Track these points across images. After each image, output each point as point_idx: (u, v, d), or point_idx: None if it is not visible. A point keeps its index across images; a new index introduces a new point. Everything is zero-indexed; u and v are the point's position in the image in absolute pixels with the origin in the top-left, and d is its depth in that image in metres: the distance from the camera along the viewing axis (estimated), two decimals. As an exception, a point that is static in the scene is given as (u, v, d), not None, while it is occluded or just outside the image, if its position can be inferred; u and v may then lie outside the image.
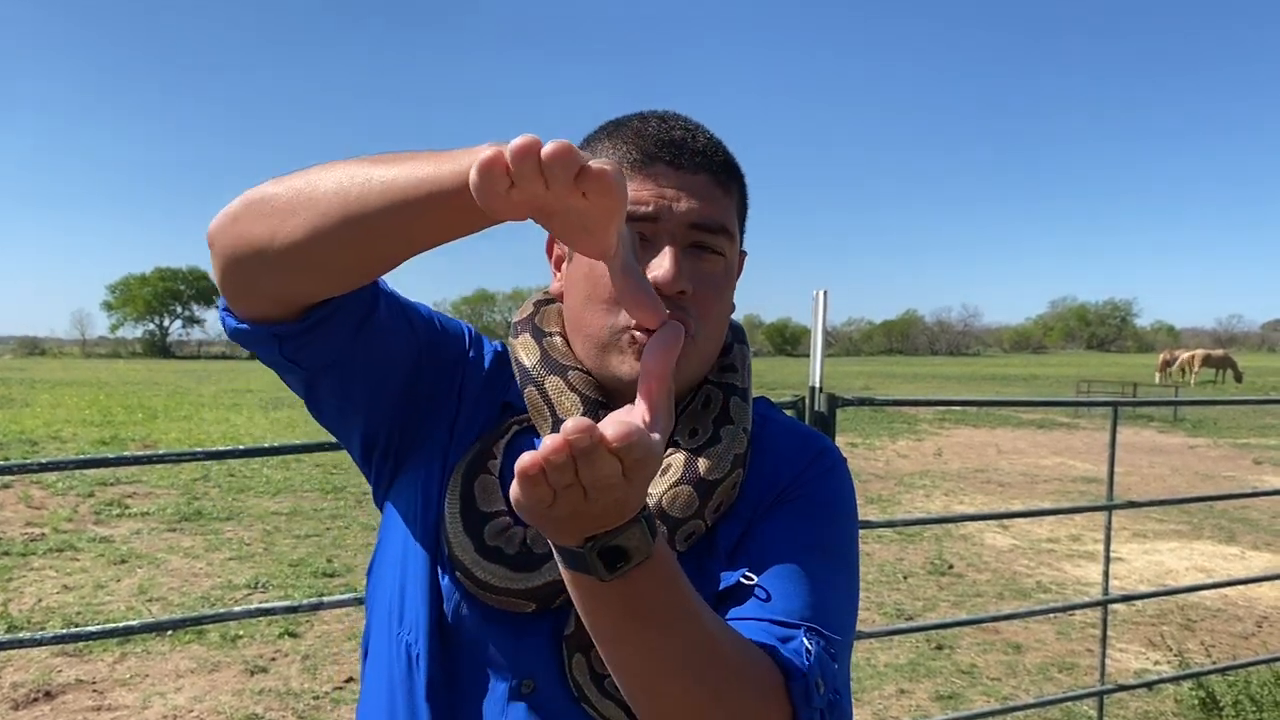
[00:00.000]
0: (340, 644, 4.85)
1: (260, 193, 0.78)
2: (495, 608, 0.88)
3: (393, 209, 0.70)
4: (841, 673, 0.81)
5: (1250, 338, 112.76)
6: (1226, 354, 35.89)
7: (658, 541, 0.66)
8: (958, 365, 56.11)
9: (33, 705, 4.08)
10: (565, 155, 0.57)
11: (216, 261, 0.82)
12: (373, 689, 0.95)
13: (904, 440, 14.36)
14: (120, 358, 71.93)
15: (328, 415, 0.96)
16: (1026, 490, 10.06)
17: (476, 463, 0.94)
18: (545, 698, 0.86)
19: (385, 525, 1.01)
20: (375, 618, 0.98)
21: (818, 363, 2.42)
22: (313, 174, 0.76)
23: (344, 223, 0.73)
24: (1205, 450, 13.78)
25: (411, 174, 0.69)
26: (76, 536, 7.25)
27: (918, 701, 4.20)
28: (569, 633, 0.87)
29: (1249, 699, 3.81)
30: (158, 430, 15.05)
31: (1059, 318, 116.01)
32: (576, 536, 0.64)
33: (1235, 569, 6.68)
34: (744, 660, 0.73)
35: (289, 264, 0.77)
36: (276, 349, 0.86)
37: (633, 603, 0.67)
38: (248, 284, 0.82)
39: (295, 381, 0.92)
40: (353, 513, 8.38)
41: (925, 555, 6.92)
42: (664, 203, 0.88)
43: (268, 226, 0.76)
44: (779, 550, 0.87)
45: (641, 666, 0.70)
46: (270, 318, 0.84)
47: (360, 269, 0.80)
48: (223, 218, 0.80)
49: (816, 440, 1.00)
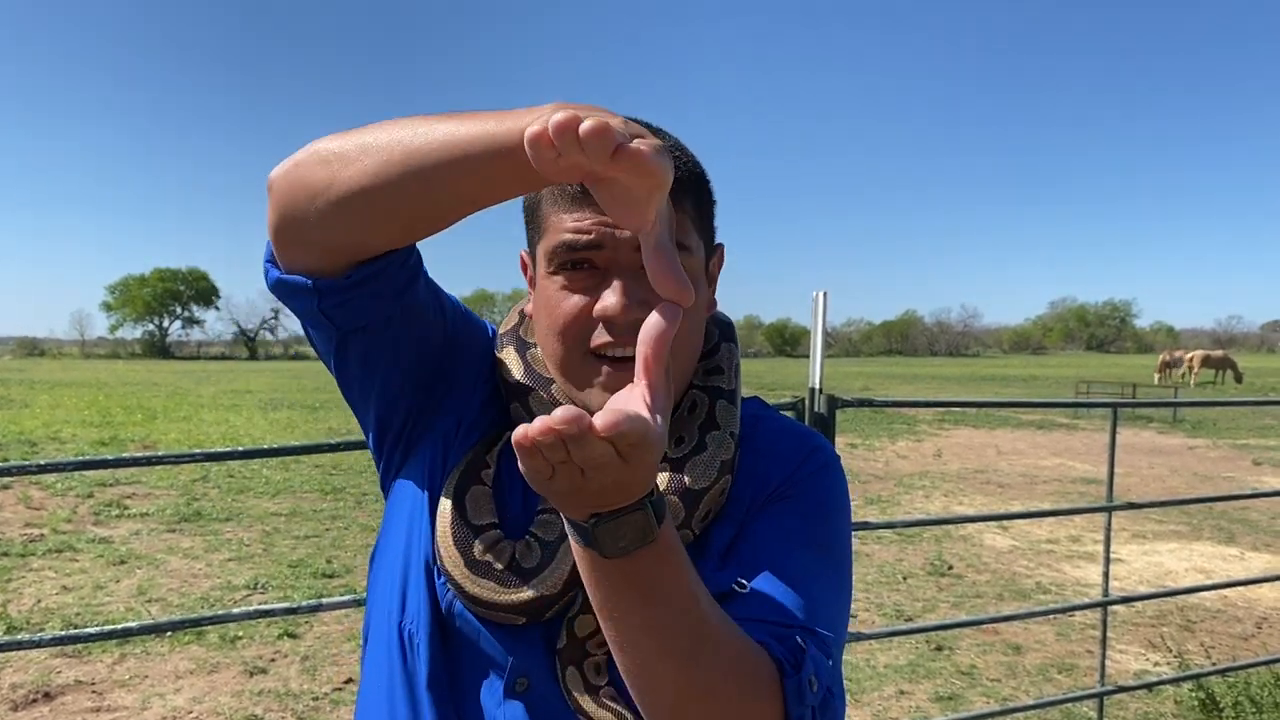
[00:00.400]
0: (339, 645, 4.85)
1: (324, 142, 0.80)
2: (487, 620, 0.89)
3: (452, 163, 0.72)
4: (834, 670, 0.82)
5: (1250, 338, 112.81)
6: (1226, 354, 35.92)
7: (665, 525, 0.67)
8: (957, 366, 56.15)
9: (32, 706, 4.08)
10: (600, 135, 0.58)
11: (273, 205, 0.83)
12: (373, 676, 0.96)
13: (903, 441, 14.37)
14: (119, 358, 71.93)
15: (351, 384, 0.98)
16: (1026, 491, 10.06)
17: (470, 471, 0.95)
18: (539, 696, 0.88)
19: (389, 512, 1.02)
20: (376, 604, 0.99)
21: (817, 364, 2.42)
22: (376, 127, 0.78)
23: (403, 173, 0.75)
24: (1204, 451, 13.79)
25: (473, 130, 0.71)
26: (76, 537, 7.24)
27: (917, 703, 4.20)
28: (560, 647, 0.88)
29: (1249, 700, 3.81)
30: (157, 431, 15.05)
31: (1058, 318, 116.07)
32: (582, 511, 0.66)
33: (1235, 570, 6.68)
34: (741, 651, 0.74)
35: (345, 210, 0.78)
36: (316, 302, 0.86)
37: (635, 580, 0.68)
38: (300, 230, 0.83)
39: (325, 340, 0.93)
40: (352, 513, 8.37)
41: (925, 556, 6.92)
42: (606, 230, 0.87)
43: (328, 172, 0.78)
44: (772, 549, 0.88)
45: (639, 644, 0.71)
46: (315, 270, 0.85)
47: (416, 221, 0.81)
48: (285, 163, 0.82)
49: (809, 439, 1.01)
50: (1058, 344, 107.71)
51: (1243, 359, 43.07)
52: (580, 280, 0.89)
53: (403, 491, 0.99)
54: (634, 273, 0.87)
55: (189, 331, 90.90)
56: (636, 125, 0.65)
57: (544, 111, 0.65)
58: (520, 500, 0.95)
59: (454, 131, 0.73)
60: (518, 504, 0.95)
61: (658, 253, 0.66)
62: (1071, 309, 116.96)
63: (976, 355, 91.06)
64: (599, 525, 0.65)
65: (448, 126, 0.73)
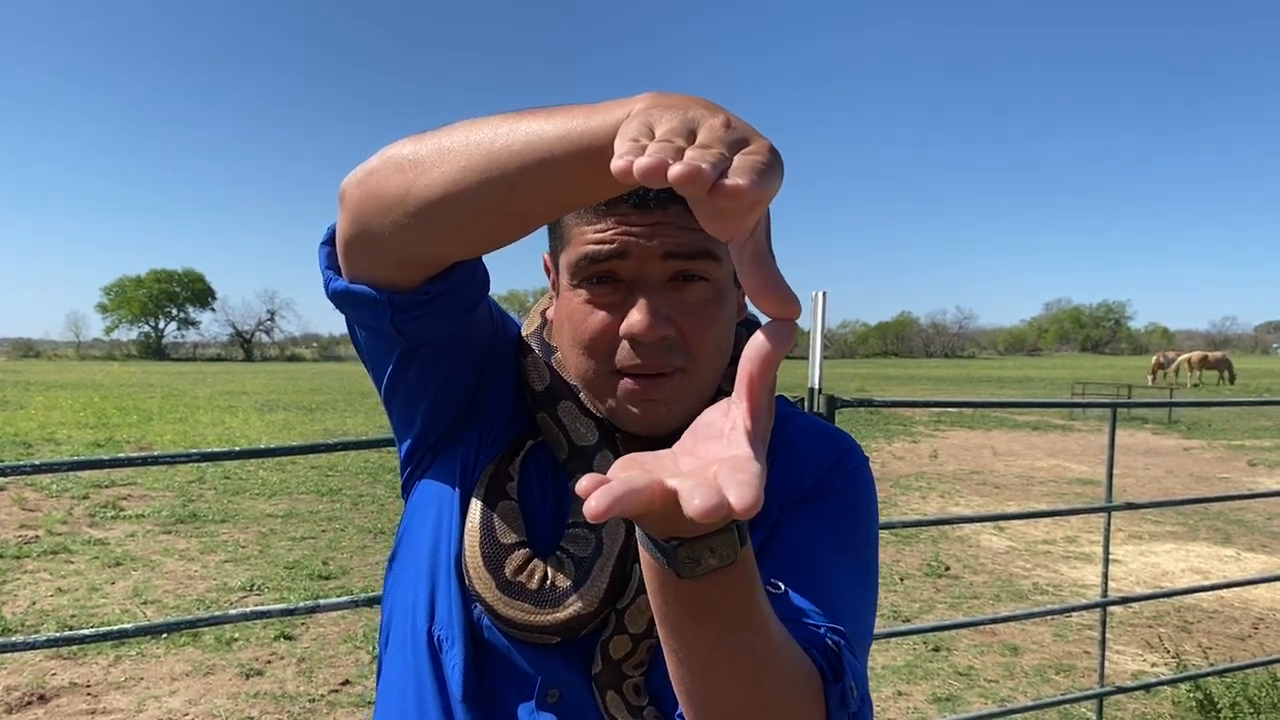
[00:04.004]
0: (336, 646, 4.84)
1: (399, 147, 0.75)
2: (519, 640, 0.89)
3: (538, 165, 0.67)
4: (863, 674, 0.81)
5: (1244, 340, 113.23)
6: (1225, 355, 36.07)
7: (745, 546, 0.64)
8: (952, 367, 56.22)
9: (26, 709, 4.06)
10: (692, 182, 0.50)
11: (345, 216, 0.79)
12: (397, 680, 0.94)
13: (899, 442, 14.37)
14: (115, 360, 71.77)
15: (403, 393, 0.94)
16: (1022, 492, 10.07)
17: (494, 485, 0.93)
18: (571, 707, 0.88)
19: (411, 515, 0.99)
20: (398, 608, 0.97)
21: (817, 364, 2.42)
22: (454, 129, 0.73)
23: (485, 179, 0.70)
24: (1200, 452, 13.81)
25: (558, 128, 0.66)
26: (71, 539, 7.22)
27: (915, 704, 4.19)
28: (596, 671, 0.88)
29: (1246, 701, 3.81)
30: (153, 432, 15.01)
31: (1053, 320, 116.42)
32: (664, 532, 0.61)
33: (1231, 571, 6.69)
34: (796, 664, 0.72)
35: (423, 221, 0.74)
36: (388, 316, 0.83)
37: (709, 600, 0.65)
38: (373, 243, 0.78)
39: (383, 350, 0.90)
40: (348, 515, 8.36)
41: (922, 557, 6.92)
42: (631, 239, 0.84)
43: (404, 180, 0.73)
44: (805, 551, 0.87)
45: (705, 661, 0.68)
46: (385, 282, 0.81)
47: (498, 229, 0.75)
48: (358, 171, 0.78)
49: (840, 439, 1.00)
50: (1053, 345, 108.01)
51: (1237, 361, 43.22)
52: (604, 295, 0.86)
53: (426, 495, 0.97)
54: (659, 287, 0.85)
55: (185, 333, 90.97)
56: (741, 128, 0.57)
57: (635, 104, 0.60)
58: (550, 513, 0.94)
59: (539, 130, 0.67)
60: (547, 517, 0.94)
61: (758, 265, 0.56)
62: (1066, 310, 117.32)
63: (972, 357, 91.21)
64: (682, 546, 0.60)
65: (531, 125, 0.68)
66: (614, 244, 0.84)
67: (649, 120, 0.57)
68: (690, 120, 0.56)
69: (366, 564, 6.57)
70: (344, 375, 39.45)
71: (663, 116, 0.57)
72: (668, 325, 0.84)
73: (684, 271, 0.86)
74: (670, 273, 0.85)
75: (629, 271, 0.85)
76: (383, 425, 16.71)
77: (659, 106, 0.59)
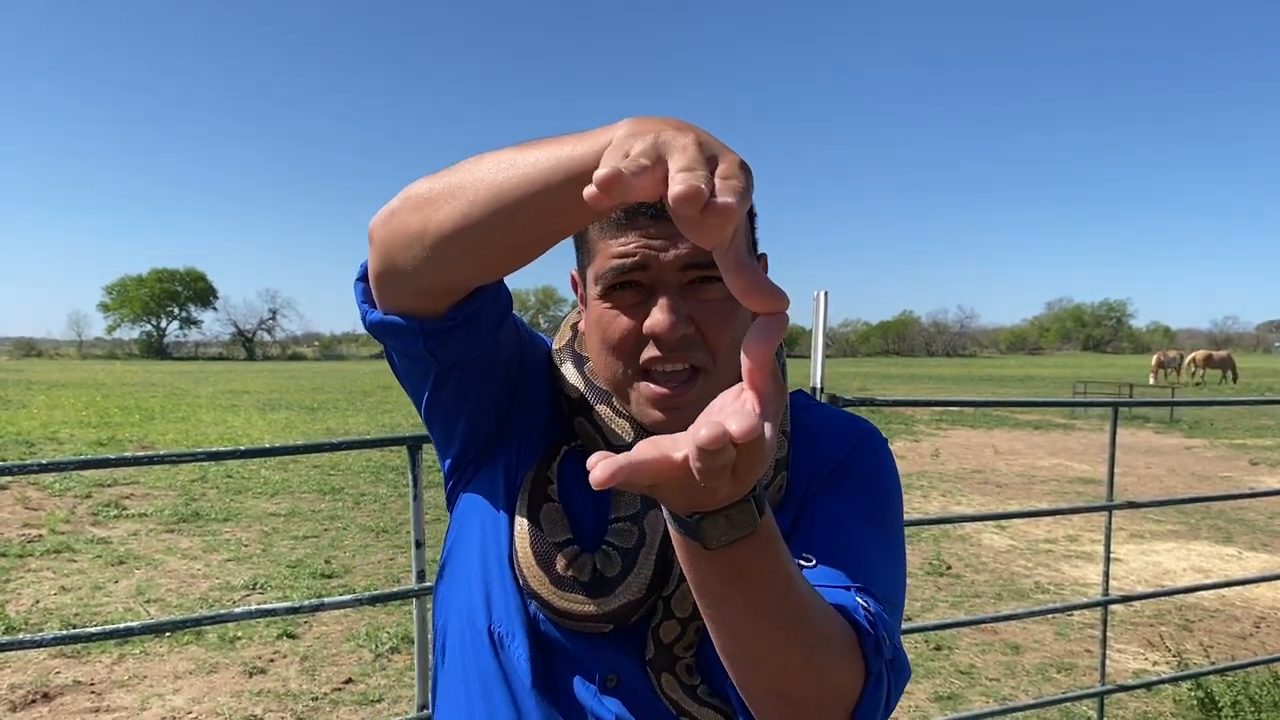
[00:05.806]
0: (339, 645, 4.85)
1: (415, 187, 0.83)
2: (575, 631, 0.94)
3: (537, 193, 0.73)
4: (896, 632, 0.87)
5: (1245, 339, 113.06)
6: (1229, 354, 36.03)
7: (765, 515, 0.68)
8: (954, 366, 56.20)
9: (31, 707, 4.07)
10: (691, 200, 0.55)
11: (374, 254, 0.87)
12: (460, 679, 1.00)
13: (901, 441, 14.36)
14: (117, 359, 71.82)
15: (441, 414, 1.02)
16: (1024, 491, 10.07)
17: (536, 490, 0.99)
18: (630, 690, 0.94)
19: (459, 524, 1.06)
20: (454, 611, 1.03)
21: (818, 363, 2.42)
22: (463, 167, 0.80)
23: (490, 212, 0.76)
24: (1201, 451, 13.80)
25: (550, 157, 0.72)
26: (74, 538, 7.24)
27: (916, 702, 4.20)
28: (650, 657, 0.94)
29: (1248, 699, 3.82)
30: (155, 431, 15.03)
31: (1055, 319, 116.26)
32: (686, 508, 0.66)
33: (1232, 569, 6.69)
34: (829, 620, 0.77)
35: (440, 254, 0.81)
36: (421, 342, 0.90)
37: (737, 567, 0.69)
38: (400, 277, 0.86)
39: (419, 373, 0.97)
40: (350, 514, 8.37)
41: (923, 556, 6.93)
42: (651, 252, 0.90)
43: (421, 217, 0.81)
44: (833, 526, 0.93)
45: (742, 626, 0.73)
46: (414, 311, 0.89)
47: (510, 255, 0.82)
48: (382, 212, 0.85)
49: (859, 424, 1.06)
50: (1054, 344, 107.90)
51: (1239, 359, 43.15)
52: (627, 299, 0.93)
53: (471, 506, 1.04)
54: (679, 289, 0.91)
55: (187, 332, 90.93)
56: (711, 144, 0.61)
57: (618, 130, 0.65)
58: (593, 511, 1.00)
59: (534, 161, 0.73)
60: (590, 515, 0.99)
61: (740, 269, 0.60)
62: (1068, 309, 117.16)
63: (973, 356, 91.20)
64: (704, 520, 0.65)
65: (528, 156, 0.74)
66: (636, 256, 0.91)
67: (626, 146, 0.62)
68: (660, 144, 0.60)
69: (369, 563, 6.59)
70: (346, 374, 39.47)
71: (635, 142, 0.61)
72: (688, 324, 0.91)
73: (702, 276, 0.92)
74: (688, 279, 0.92)
75: (649, 279, 0.92)
76: (384, 424, 16.75)
77: (635, 133, 0.63)
